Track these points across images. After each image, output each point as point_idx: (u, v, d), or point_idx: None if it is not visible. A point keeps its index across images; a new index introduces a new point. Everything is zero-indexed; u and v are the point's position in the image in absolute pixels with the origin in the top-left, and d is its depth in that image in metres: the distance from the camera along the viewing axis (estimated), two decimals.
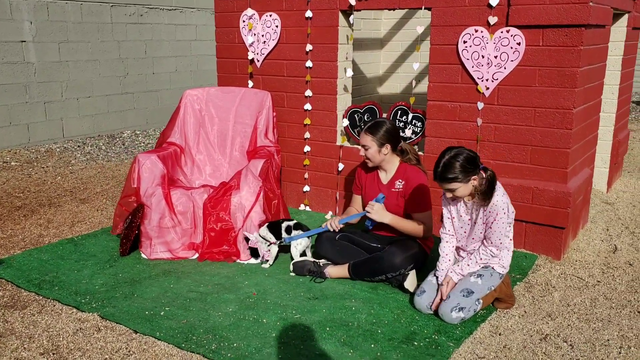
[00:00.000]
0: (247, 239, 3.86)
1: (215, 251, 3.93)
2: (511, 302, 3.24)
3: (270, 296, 3.35)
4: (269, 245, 3.80)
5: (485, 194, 3.06)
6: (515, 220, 3.90)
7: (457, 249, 3.32)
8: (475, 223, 3.16)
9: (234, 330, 2.95)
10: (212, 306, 3.22)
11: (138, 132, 8.47)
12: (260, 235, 3.81)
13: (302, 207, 5.00)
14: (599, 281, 3.60)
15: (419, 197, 3.58)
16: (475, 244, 3.21)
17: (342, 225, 3.74)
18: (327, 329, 2.97)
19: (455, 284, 3.12)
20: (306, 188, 4.93)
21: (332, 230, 3.71)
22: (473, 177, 3.01)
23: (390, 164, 3.67)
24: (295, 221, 3.88)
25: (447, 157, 2.98)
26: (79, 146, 7.49)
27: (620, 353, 2.76)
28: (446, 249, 3.26)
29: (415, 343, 2.83)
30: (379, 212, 3.53)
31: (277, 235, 3.79)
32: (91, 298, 3.31)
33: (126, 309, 3.18)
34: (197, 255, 3.97)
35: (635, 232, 4.43)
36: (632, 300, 3.34)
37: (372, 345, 2.81)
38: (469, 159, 2.98)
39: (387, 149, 3.59)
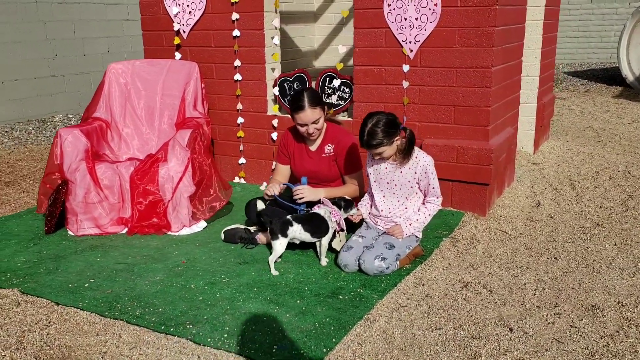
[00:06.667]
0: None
1: (145, 224, 3.86)
2: (417, 251, 3.36)
3: (199, 264, 3.33)
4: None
5: (405, 152, 3.18)
6: (441, 179, 4.01)
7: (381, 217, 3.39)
8: (399, 186, 3.26)
9: (160, 296, 2.92)
10: (139, 276, 3.18)
11: (71, 116, 8.20)
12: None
13: (237, 179, 4.97)
14: (521, 233, 3.74)
15: (350, 157, 3.62)
16: (404, 207, 3.30)
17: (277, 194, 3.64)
18: (255, 289, 2.98)
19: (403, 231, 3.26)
20: (242, 160, 4.90)
21: (269, 195, 3.59)
22: (396, 138, 3.17)
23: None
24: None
25: (369, 126, 3.12)
26: (6, 131, 7.19)
27: (534, 295, 2.88)
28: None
29: (341, 297, 2.88)
30: (311, 194, 3.51)
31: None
32: (12, 275, 3.21)
33: (49, 283, 3.10)
34: (126, 229, 3.90)
35: (558, 189, 4.61)
36: (550, 248, 3.49)
37: (298, 301, 2.83)
38: (389, 123, 3.14)
39: (326, 114, 3.63)
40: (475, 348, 2.42)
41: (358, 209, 3.42)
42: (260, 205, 3.49)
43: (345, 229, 3.40)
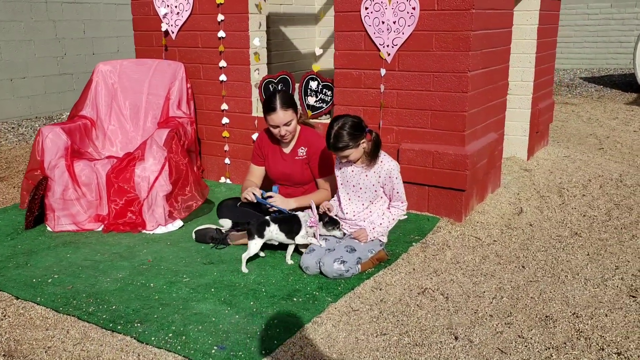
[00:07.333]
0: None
1: (121, 222, 3.91)
2: (381, 256, 3.33)
3: (165, 263, 3.36)
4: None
5: (371, 155, 3.17)
6: (417, 184, 4.00)
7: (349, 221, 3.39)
8: (364, 189, 3.25)
9: (117, 294, 2.96)
10: (103, 273, 3.22)
11: None
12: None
13: (222, 180, 5.00)
14: (495, 240, 3.69)
15: (323, 161, 3.62)
16: (368, 211, 3.29)
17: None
18: (212, 290, 3.00)
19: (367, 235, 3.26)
20: (227, 160, 4.93)
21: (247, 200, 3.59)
22: (362, 140, 3.17)
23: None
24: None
25: (335, 129, 3.15)
26: (13, 128, 7.35)
27: (491, 303, 2.84)
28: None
29: (295, 299, 2.87)
30: (282, 203, 3.53)
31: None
32: None
33: (14, 277, 3.16)
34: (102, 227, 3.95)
35: (545, 196, 4.53)
36: (520, 256, 3.43)
37: (252, 303, 2.84)
38: (354, 125, 3.16)
39: (299, 117, 3.64)
40: (416, 355, 2.39)
41: (341, 230, 3.31)
42: (227, 224, 3.54)
43: (316, 239, 3.33)
